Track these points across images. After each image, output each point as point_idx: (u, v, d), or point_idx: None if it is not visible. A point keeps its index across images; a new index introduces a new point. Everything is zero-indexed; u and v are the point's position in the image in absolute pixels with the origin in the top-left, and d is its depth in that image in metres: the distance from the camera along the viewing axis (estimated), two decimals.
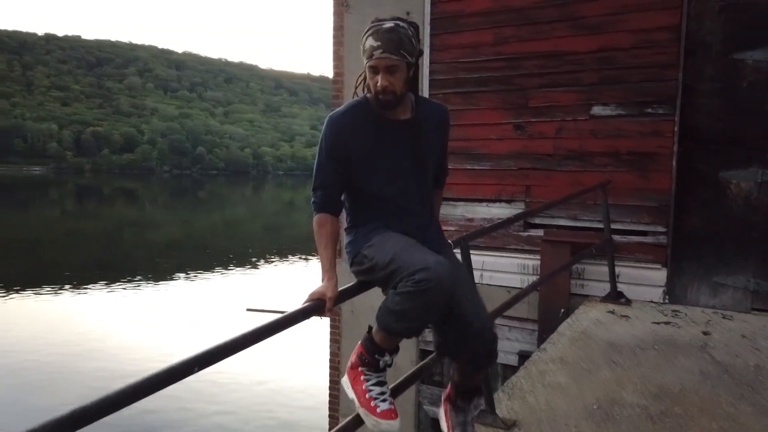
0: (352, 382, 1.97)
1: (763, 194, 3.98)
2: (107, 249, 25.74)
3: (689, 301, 4.21)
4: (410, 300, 1.70)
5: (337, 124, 1.91)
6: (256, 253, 24.83)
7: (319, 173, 1.95)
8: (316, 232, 1.97)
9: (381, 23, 1.81)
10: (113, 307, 14.51)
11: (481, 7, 4.68)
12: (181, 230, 34.89)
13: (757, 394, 2.82)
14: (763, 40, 3.88)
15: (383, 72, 1.80)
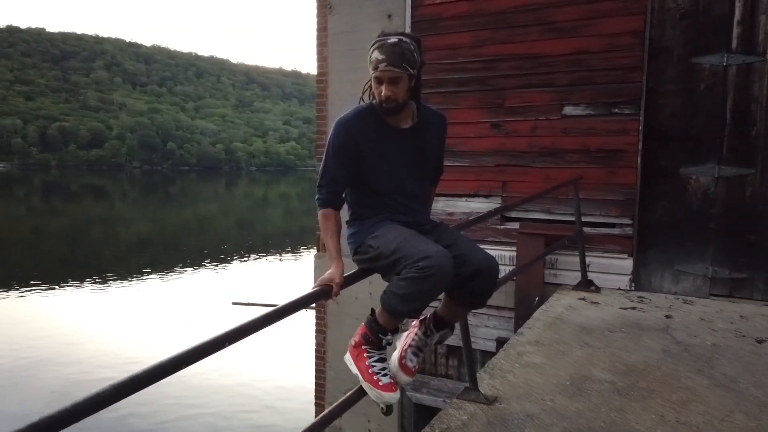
0: (356, 359, 2.19)
1: (720, 188, 4.31)
2: (75, 247, 25.31)
3: (653, 288, 4.53)
4: (415, 284, 1.93)
5: (345, 127, 2.12)
6: (229, 250, 24.63)
7: (326, 171, 2.16)
8: (322, 224, 2.19)
9: (386, 38, 2.02)
10: (83, 306, 14.27)
11: (459, 10, 4.92)
12: (152, 227, 34.37)
13: (713, 368, 3.12)
14: (719, 46, 4.20)
15: (387, 83, 2.01)
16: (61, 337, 11.34)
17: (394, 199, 2.21)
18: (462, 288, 2.15)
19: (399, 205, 2.21)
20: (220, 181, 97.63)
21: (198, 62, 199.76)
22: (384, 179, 2.18)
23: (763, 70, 4.12)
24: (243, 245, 26.42)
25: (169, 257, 22.81)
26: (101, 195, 61.64)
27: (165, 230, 32.88)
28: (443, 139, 2.41)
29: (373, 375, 2.11)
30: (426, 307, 2.07)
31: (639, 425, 2.56)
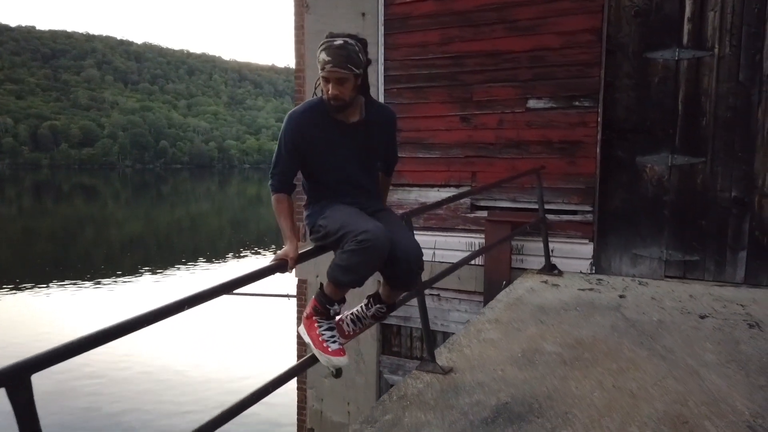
0: (308, 330, 2.42)
1: (673, 177, 4.56)
2: (67, 247, 25.29)
3: (613, 271, 4.78)
4: (354, 256, 2.17)
5: (295, 121, 2.35)
6: (223, 248, 24.76)
7: (278, 160, 2.39)
8: (275, 207, 2.43)
9: (333, 39, 2.24)
10: (74, 306, 14.25)
11: (427, 9, 5.14)
12: (145, 227, 34.38)
13: (655, 342, 3.37)
14: (671, 42, 4.44)
15: (333, 83, 2.24)
16: (52, 337, 11.23)
17: (341, 189, 2.44)
18: (391, 271, 2.40)
19: (346, 195, 2.44)
20: (213, 179, 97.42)
21: (190, 60, 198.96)
22: (330, 170, 2.41)
23: (712, 64, 4.37)
24: (236, 243, 26.45)
25: (162, 256, 22.88)
26: (93, 194, 61.37)
27: (158, 229, 32.89)
28: (392, 132, 2.62)
29: (323, 342, 2.34)
30: (365, 279, 2.30)
31: (578, 390, 2.80)
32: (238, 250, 24.10)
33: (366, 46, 2.33)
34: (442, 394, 2.87)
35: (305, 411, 6.02)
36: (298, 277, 5.96)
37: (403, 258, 2.37)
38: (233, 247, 25.16)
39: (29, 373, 1.41)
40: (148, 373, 9.80)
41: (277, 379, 2.24)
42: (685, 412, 2.57)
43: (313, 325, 2.38)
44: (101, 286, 16.65)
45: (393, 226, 2.44)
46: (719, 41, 4.31)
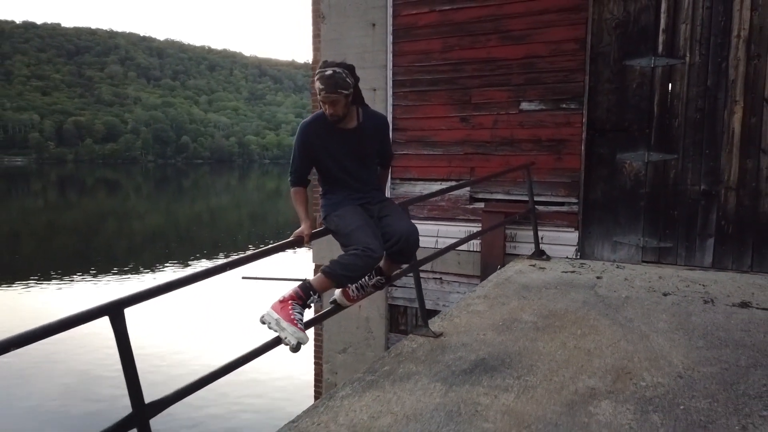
0: (279, 311, 2.79)
1: (649, 171, 5.07)
2: (90, 240, 25.63)
3: (595, 257, 5.31)
4: (356, 259, 2.78)
5: (304, 130, 3.01)
6: (242, 241, 25.20)
7: (294, 161, 3.08)
8: (293, 197, 3.10)
9: (324, 70, 2.84)
10: (97, 298, 14.58)
11: (430, 20, 5.70)
12: (166, 220, 34.78)
13: (618, 314, 3.92)
14: (647, 51, 4.94)
15: (328, 104, 2.85)
16: (74, 330, 11.97)
17: (346, 181, 3.06)
18: (392, 247, 3.00)
19: (350, 187, 3.07)
20: (233, 174, 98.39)
21: (211, 56, 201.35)
22: (335, 167, 3.04)
23: (683, 70, 4.86)
24: (255, 237, 26.84)
25: (183, 249, 23.08)
26: (116, 188, 62.15)
27: (178, 223, 33.23)
28: (385, 133, 3.25)
29: (294, 320, 2.81)
30: (355, 281, 2.96)
31: (544, 349, 3.37)
32: (257, 243, 24.60)
33: (353, 70, 2.94)
34: (432, 352, 3.45)
35: (321, 384, 6.64)
36: (314, 262, 6.58)
37: (402, 238, 2.98)
38: (252, 241, 25.66)
39: (123, 307, 2.03)
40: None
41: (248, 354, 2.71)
42: (629, 366, 3.12)
43: (287, 307, 2.81)
44: (124, 277, 16.99)
45: (393, 212, 3.07)
46: (690, 50, 4.81)
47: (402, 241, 2.99)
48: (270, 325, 2.84)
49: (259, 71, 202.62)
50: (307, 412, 2.88)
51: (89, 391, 8.55)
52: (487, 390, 2.94)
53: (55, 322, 1.90)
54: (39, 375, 9.03)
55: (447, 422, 2.65)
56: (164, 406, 2.12)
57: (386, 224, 2.99)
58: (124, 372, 2.03)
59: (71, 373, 9.12)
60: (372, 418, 2.74)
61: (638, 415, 2.63)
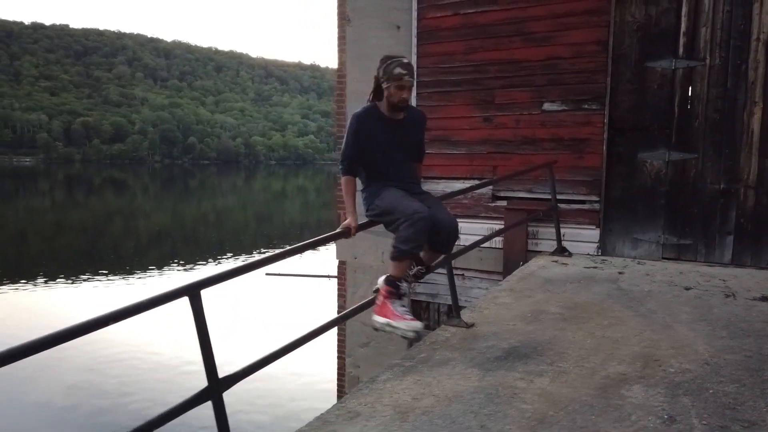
0: (382, 313, 3.11)
1: (669, 170, 5.21)
2: (97, 240, 25.81)
3: (616, 253, 5.46)
4: (410, 229, 2.94)
5: (359, 117, 3.16)
6: (247, 242, 25.03)
7: (346, 149, 3.21)
8: (344, 186, 3.26)
9: (401, 57, 3.10)
10: (104, 298, 14.31)
11: (453, 23, 5.86)
12: (172, 220, 35.07)
13: (642, 306, 4.06)
14: (667, 53, 5.09)
15: (406, 89, 3.05)
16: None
17: (388, 174, 3.21)
18: (433, 237, 3.16)
19: (393, 177, 3.21)
20: (239, 174, 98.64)
21: (217, 57, 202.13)
22: (380, 158, 3.19)
23: (704, 72, 5.00)
24: (261, 237, 26.95)
25: (189, 249, 23.29)
26: (123, 188, 62.34)
27: (185, 223, 33.56)
28: (423, 129, 3.43)
29: (401, 315, 3.07)
30: (420, 247, 3.09)
31: (573, 338, 3.52)
32: (263, 244, 24.55)
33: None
34: (464, 340, 3.61)
35: (344, 377, 6.80)
36: (338, 259, 6.75)
37: (444, 227, 3.15)
38: (258, 241, 25.65)
39: (200, 288, 2.20)
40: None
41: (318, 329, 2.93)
42: (656, 353, 3.27)
43: (388, 307, 3.10)
44: (130, 276, 17.05)
45: (433, 204, 3.23)
46: (710, 53, 4.95)
47: (444, 231, 3.15)
48: (385, 329, 3.05)
49: (265, 72, 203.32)
50: (353, 394, 3.04)
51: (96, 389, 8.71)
52: (522, 375, 3.09)
53: (135, 304, 2.06)
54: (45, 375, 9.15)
55: (487, 403, 2.81)
56: (235, 381, 2.29)
57: (431, 214, 3.14)
58: (201, 348, 2.19)
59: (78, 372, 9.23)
60: (415, 399, 2.89)
61: (669, 398, 2.77)
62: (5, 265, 19.34)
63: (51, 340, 1.79)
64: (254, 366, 2.42)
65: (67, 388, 8.68)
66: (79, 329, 1.87)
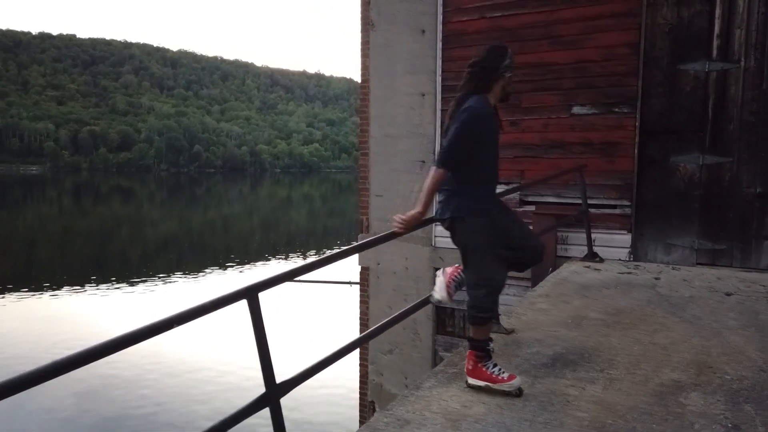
0: (479, 377, 2.92)
1: (703, 174, 5.13)
2: (105, 247, 25.84)
3: (648, 259, 5.36)
4: (491, 296, 2.87)
5: (485, 113, 2.82)
6: (254, 250, 24.89)
7: (457, 145, 2.80)
8: (435, 179, 2.84)
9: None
10: (111, 305, 14.23)
11: (479, 26, 5.80)
12: (179, 228, 35.12)
13: (684, 312, 3.97)
14: (700, 55, 5.02)
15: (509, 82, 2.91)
16: (88, 337, 11.18)
17: (493, 177, 2.97)
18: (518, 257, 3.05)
19: (493, 181, 2.99)
20: (245, 182, 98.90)
21: (223, 66, 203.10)
22: (492, 158, 2.93)
23: (738, 75, 4.93)
24: (267, 245, 26.89)
25: (196, 256, 23.30)
26: (130, 196, 62.71)
27: (191, 230, 33.58)
28: None
29: (498, 377, 2.87)
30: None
31: (619, 345, 3.43)
32: (269, 251, 24.43)
33: None
34: (507, 347, 3.53)
35: (366, 385, 6.71)
36: (361, 265, 6.67)
37: (534, 252, 3.10)
38: (265, 249, 25.53)
39: (258, 291, 2.13)
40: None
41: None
42: (708, 360, 3.18)
43: (482, 370, 2.90)
44: (138, 284, 16.93)
45: (515, 219, 3.13)
46: (745, 55, 4.87)
47: (529, 259, 3.11)
48: (488, 391, 2.90)
49: (270, 81, 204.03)
50: (399, 402, 2.96)
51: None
52: (573, 382, 3.00)
53: (195, 308, 2.00)
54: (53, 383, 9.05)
55: (540, 411, 2.72)
56: (292, 386, 2.22)
57: (516, 233, 2.99)
58: (259, 352, 2.12)
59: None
60: (464, 407, 2.81)
61: (730, 406, 2.68)
62: (14, 273, 19.32)
63: (114, 344, 1.72)
64: (309, 371, 2.35)
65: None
66: (142, 334, 1.81)
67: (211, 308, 2.02)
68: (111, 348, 1.69)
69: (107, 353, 1.70)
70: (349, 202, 57.71)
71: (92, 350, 1.64)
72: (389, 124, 6.34)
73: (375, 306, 6.66)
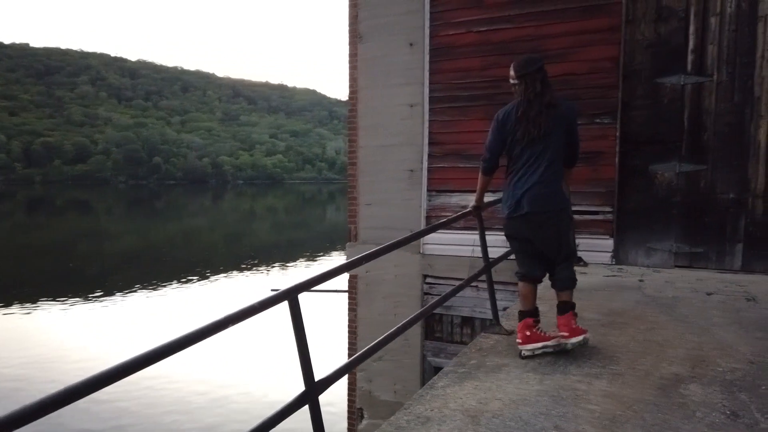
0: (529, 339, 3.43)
1: (680, 181, 5.42)
2: (60, 262, 25.05)
3: (630, 262, 5.61)
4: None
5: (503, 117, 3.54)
6: (217, 263, 24.43)
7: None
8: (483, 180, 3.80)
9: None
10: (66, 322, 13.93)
11: (469, 40, 6.01)
12: (138, 242, 34.28)
13: (673, 311, 4.20)
14: (676, 69, 5.32)
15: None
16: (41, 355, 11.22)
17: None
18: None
19: None
20: (207, 194, 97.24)
21: (184, 76, 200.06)
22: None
23: (712, 88, 5.25)
24: (232, 258, 26.41)
25: (157, 271, 22.71)
26: (86, 210, 60.79)
27: (152, 245, 32.77)
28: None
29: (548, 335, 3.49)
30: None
31: (617, 342, 3.62)
32: (232, 265, 24.01)
33: (529, 61, 3.56)
34: (511, 347, 3.67)
35: (355, 392, 6.77)
36: (349, 273, 6.75)
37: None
38: (228, 262, 25.04)
39: (298, 292, 2.21)
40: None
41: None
42: (701, 354, 3.39)
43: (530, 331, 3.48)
44: (95, 300, 16.54)
45: None
46: (717, 69, 5.20)
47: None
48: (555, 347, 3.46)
49: (233, 92, 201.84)
50: (416, 400, 3.07)
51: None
52: (580, 378, 3.16)
53: (237, 312, 2.06)
54: None
55: (554, 405, 2.86)
56: (329, 384, 2.30)
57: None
58: (299, 352, 2.20)
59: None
60: (481, 404, 2.94)
61: (727, 395, 2.88)
62: None
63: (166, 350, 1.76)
64: (342, 369, 2.44)
65: None
66: (189, 339, 1.84)
67: (253, 312, 2.09)
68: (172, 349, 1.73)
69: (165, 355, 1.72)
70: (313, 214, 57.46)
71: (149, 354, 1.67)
72: (378, 135, 6.47)
73: (364, 314, 6.74)
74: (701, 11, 5.18)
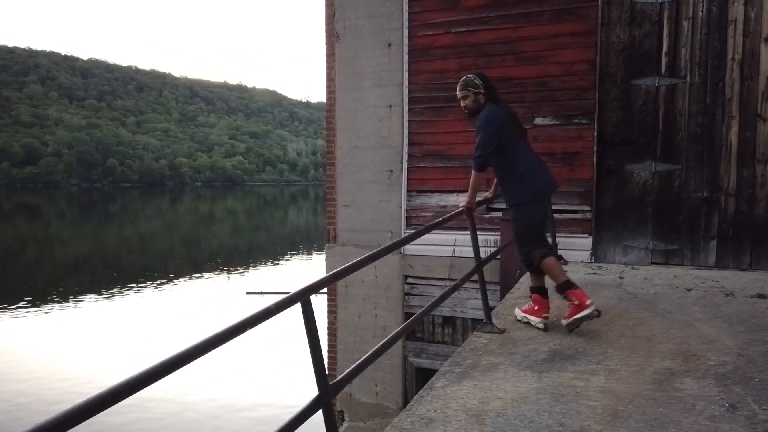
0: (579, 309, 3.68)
1: (655, 180, 5.56)
2: (7, 268, 24.33)
3: (608, 260, 5.73)
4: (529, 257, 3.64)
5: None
6: (174, 268, 24.01)
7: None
8: (476, 178, 4.14)
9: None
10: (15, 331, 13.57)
11: (446, 42, 6.03)
12: (91, 247, 33.37)
13: (655, 306, 4.30)
14: (650, 71, 5.46)
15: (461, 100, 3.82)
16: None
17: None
18: None
19: None
20: (164, 197, 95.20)
21: (138, 76, 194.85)
22: None
23: (685, 89, 5.40)
24: (190, 262, 25.93)
25: (111, 277, 22.20)
26: (36, 214, 58.64)
27: (106, 250, 31.89)
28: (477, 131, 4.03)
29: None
30: None
31: (607, 338, 3.68)
32: (190, 269, 23.55)
33: (482, 77, 3.89)
34: (504, 345, 3.69)
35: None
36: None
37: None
38: (186, 266, 24.49)
39: (309, 294, 2.16)
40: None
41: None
42: (690, 349, 3.47)
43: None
44: (44, 307, 16.09)
45: None
46: (690, 71, 5.36)
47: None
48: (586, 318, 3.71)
49: (190, 92, 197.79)
50: (417, 402, 3.06)
51: None
52: (576, 375, 3.20)
53: (254, 315, 2.00)
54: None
55: (555, 403, 2.89)
56: (341, 387, 2.26)
57: None
58: (312, 355, 2.15)
59: None
60: (482, 403, 2.94)
61: (722, 388, 2.96)
62: None
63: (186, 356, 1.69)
64: (354, 371, 2.40)
65: None
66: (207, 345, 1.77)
67: (268, 315, 2.03)
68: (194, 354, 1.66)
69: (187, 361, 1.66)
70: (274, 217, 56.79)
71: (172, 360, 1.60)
72: (357, 136, 6.43)
73: (343, 316, 6.68)
74: (674, 15, 5.33)
